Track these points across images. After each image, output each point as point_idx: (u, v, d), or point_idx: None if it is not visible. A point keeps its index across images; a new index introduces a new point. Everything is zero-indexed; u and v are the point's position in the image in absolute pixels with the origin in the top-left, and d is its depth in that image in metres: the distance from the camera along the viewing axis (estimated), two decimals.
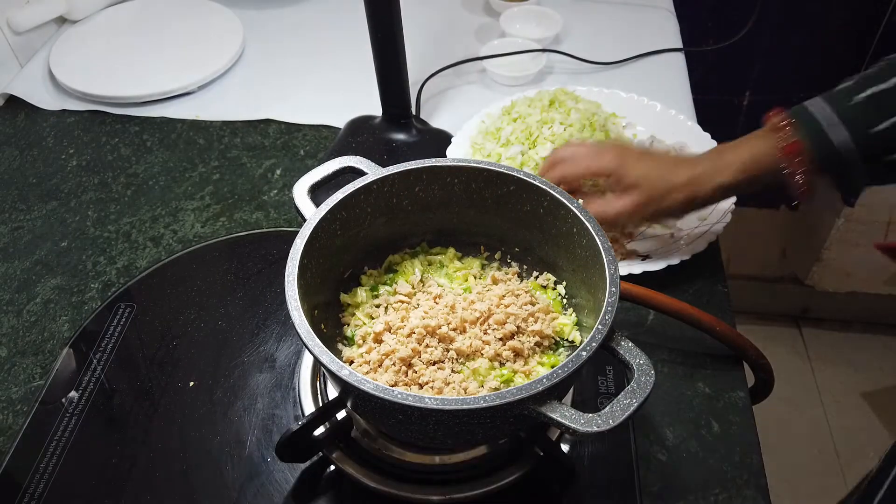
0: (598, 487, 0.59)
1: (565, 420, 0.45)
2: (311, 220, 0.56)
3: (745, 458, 0.61)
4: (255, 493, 0.59)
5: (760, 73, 1.39)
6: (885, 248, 1.52)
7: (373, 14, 0.78)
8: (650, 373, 0.47)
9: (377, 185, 0.60)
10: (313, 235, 0.55)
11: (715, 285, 0.74)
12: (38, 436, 0.63)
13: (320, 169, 0.62)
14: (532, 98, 0.87)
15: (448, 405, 0.44)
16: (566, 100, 0.86)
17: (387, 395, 0.45)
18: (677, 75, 1.01)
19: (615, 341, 0.49)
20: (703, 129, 0.85)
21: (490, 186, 0.61)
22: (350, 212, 0.59)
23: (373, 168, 0.61)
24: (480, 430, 0.51)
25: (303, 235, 0.55)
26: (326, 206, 0.57)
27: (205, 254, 0.79)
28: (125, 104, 0.99)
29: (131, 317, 0.72)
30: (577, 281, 0.60)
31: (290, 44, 1.09)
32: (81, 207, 0.85)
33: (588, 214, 0.56)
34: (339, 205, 0.58)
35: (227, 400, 0.65)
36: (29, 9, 1.01)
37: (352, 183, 0.59)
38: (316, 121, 0.95)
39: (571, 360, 0.47)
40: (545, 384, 0.45)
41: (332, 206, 0.57)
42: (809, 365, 1.80)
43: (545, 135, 0.82)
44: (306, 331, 0.49)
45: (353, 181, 0.59)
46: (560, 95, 0.86)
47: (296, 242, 0.54)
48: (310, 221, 0.56)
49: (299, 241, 0.54)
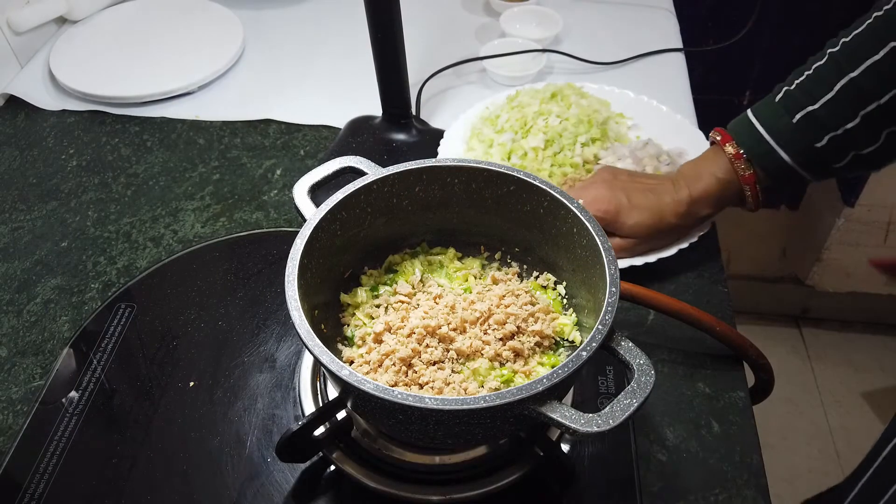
0: (598, 487, 0.59)
1: (565, 420, 0.45)
2: (311, 220, 0.56)
3: (745, 458, 0.61)
4: (255, 493, 0.59)
5: (760, 73, 1.39)
6: (882, 264, 1.52)
7: (373, 14, 0.78)
8: (650, 373, 0.47)
9: (377, 186, 0.60)
10: (313, 236, 0.55)
11: (715, 285, 0.74)
12: (38, 436, 0.63)
13: (320, 169, 0.62)
14: (538, 90, 0.88)
15: (448, 405, 0.44)
16: (570, 94, 0.86)
17: (387, 396, 0.45)
18: (677, 75, 1.01)
19: (615, 341, 0.49)
20: (703, 130, 0.86)
21: (490, 186, 0.61)
22: (350, 212, 0.59)
23: (373, 168, 0.61)
24: (480, 430, 0.51)
25: (303, 235, 0.55)
26: (326, 207, 0.57)
27: (205, 254, 0.79)
28: (125, 104, 0.99)
29: (131, 317, 0.72)
30: (577, 281, 0.60)
31: (290, 44, 1.09)
32: (81, 207, 0.85)
33: (588, 215, 0.56)
34: (339, 205, 0.58)
35: (227, 400, 0.65)
36: (29, 9, 1.01)
37: (352, 183, 0.59)
38: (316, 121, 0.95)
39: (571, 361, 0.47)
40: (545, 384, 0.45)
41: (332, 207, 0.57)
42: (809, 365, 1.80)
43: (539, 125, 0.82)
44: (306, 331, 0.49)
45: (353, 181, 0.59)
46: (566, 90, 0.86)
47: (296, 242, 0.54)
48: (310, 222, 0.56)
49: (299, 241, 0.54)
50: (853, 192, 1.46)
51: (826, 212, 1.55)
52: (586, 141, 0.82)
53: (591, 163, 0.82)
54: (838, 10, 1.31)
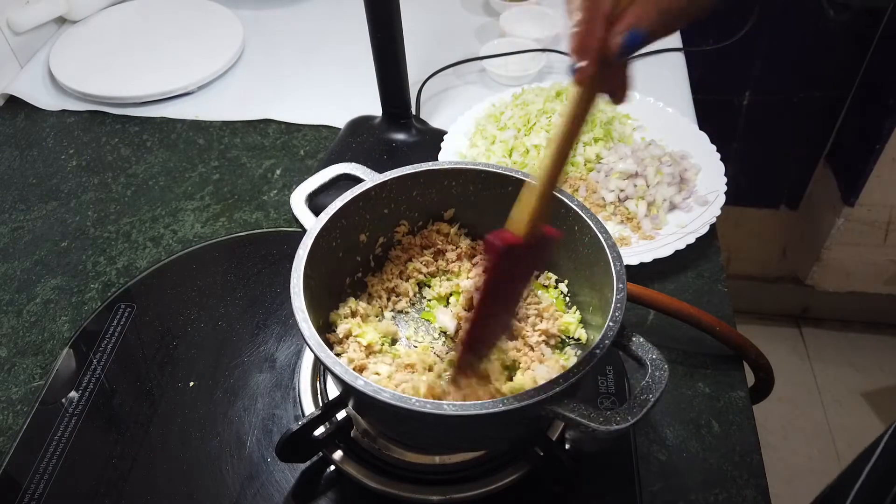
0: (598, 487, 0.59)
1: (584, 419, 0.45)
2: (311, 230, 0.56)
3: (745, 458, 0.61)
4: (255, 493, 0.59)
5: (760, 73, 1.39)
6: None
7: (373, 14, 0.78)
8: (664, 367, 0.47)
9: (375, 192, 0.60)
10: (315, 245, 0.55)
11: (715, 285, 0.74)
12: (38, 436, 0.63)
13: (316, 178, 0.62)
14: (544, 88, 0.88)
15: (467, 410, 0.44)
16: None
17: (404, 404, 0.45)
18: (677, 75, 1.01)
19: (627, 338, 0.49)
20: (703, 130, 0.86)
21: (489, 188, 0.61)
22: (350, 219, 0.59)
23: (369, 174, 0.61)
24: (495, 433, 0.51)
25: (304, 246, 0.55)
26: (326, 216, 0.57)
27: (205, 254, 0.79)
28: (125, 104, 0.99)
29: (131, 317, 0.72)
30: (579, 279, 0.60)
31: (290, 44, 1.09)
32: (81, 207, 0.85)
33: (590, 212, 0.56)
34: (338, 213, 0.58)
35: (227, 400, 0.65)
36: (29, 9, 1.01)
37: (349, 190, 0.59)
38: (316, 121, 0.95)
39: (586, 359, 0.47)
40: (562, 384, 0.45)
41: (331, 216, 0.57)
42: (809, 365, 1.80)
43: (542, 124, 0.82)
44: (317, 343, 0.48)
45: (351, 189, 0.59)
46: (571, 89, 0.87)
47: (298, 253, 0.54)
48: (310, 232, 0.56)
49: (301, 252, 0.54)
50: (853, 192, 1.46)
51: (826, 212, 1.55)
52: (588, 140, 0.82)
53: (593, 162, 0.82)
54: (838, 10, 1.31)
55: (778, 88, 1.41)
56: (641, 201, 0.78)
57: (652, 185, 0.78)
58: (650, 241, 0.75)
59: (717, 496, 0.59)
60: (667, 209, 0.78)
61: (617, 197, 0.79)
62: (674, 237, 0.75)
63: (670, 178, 0.79)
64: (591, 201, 0.79)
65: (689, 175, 0.81)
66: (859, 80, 1.38)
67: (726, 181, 0.79)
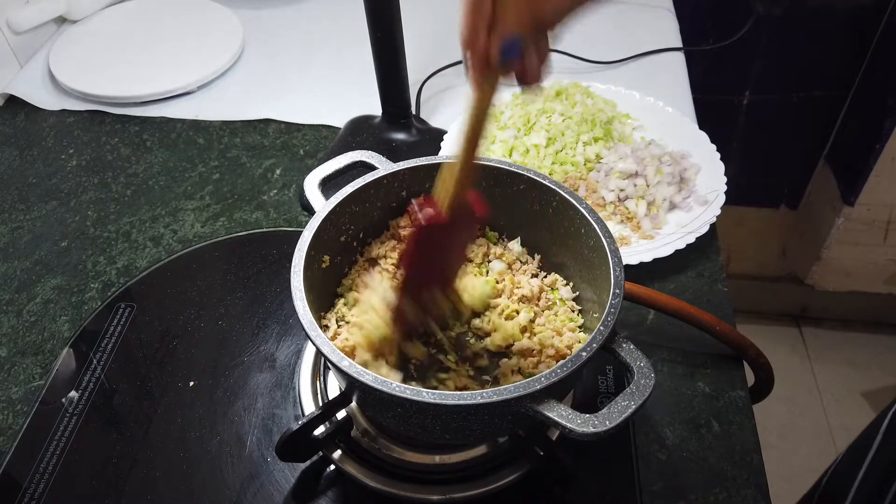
0: (598, 487, 0.59)
1: (562, 420, 0.45)
2: (320, 212, 0.56)
3: (745, 458, 0.61)
4: (255, 493, 0.59)
5: (760, 73, 1.39)
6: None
7: (373, 14, 0.78)
8: (650, 375, 0.47)
9: (387, 180, 0.60)
10: (322, 227, 0.56)
11: (715, 285, 0.74)
12: (38, 436, 0.63)
13: (332, 162, 0.62)
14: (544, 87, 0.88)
15: (445, 400, 0.45)
16: (576, 93, 0.86)
17: (384, 388, 0.45)
18: (677, 74, 1.01)
19: (616, 343, 0.49)
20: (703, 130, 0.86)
21: (500, 185, 0.61)
22: (360, 206, 0.59)
23: (384, 163, 0.61)
24: (478, 427, 0.51)
25: (311, 226, 0.55)
26: (337, 199, 0.57)
27: (205, 254, 0.79)
28: (125, 104, 0.99)
29: (131, 317, 0.72)
30: (583, 282, 0.60)
31: (290, 44, 1.09)
32: (81, 207, 0.85)
33: (596, 215, 0.56)
34: (349, 198, 0.58)
35: (227, 400, 0.65)
36: (29, 9, 1.01)
37: (362, 177, 0.59)
38: (316, 121, 0.95)
39: (571, 360, 0.47)
40: (543, 383, 0.45)
41: (342, 199, 0.57)
42: (809, 365, 1.80)
43: (541, 123, 0.82)
44: (309, 322, 0.49)
45: (363, 176, 0.59)
46: (571, 89, 0.86)
47: (304, 234, 0.54)
48: (319, 213, 0.56)
49: (307, 233, 0.54)
50: (853, 192, 1.46)
51: (826, 211, 1.55)
52: (588, 140, 0.82)
53: (593, 162, 0.82)
54: (838, 9, 1.31)
55: (778, 88, 1.41)
56: (641, 201, 0.78)
57: (652, 185, 0.78)
58: (650, 241, 0.75)
59: (716, 496, 0.59)
60: (667, 209, 0.78)
61: (617, 196, 0.79)
62: (674, 237, 0.75)
63: (670, 178, 0.79)
64: (591, 201, 0.79)
65: (689, 175, 0.81)
66: (859, 80, 1.38)
67: (726, 181, 0.79)
